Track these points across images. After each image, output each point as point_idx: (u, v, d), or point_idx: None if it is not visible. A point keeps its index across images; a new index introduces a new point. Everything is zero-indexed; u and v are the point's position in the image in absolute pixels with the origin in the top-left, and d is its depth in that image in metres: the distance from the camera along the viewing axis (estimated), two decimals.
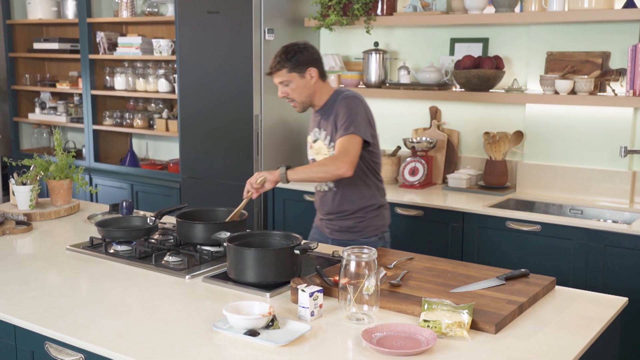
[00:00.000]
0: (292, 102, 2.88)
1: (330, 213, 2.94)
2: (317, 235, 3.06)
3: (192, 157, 4.51)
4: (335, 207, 2.91)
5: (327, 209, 2.95)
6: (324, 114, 2.88)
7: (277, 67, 2.82)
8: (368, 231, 2.92)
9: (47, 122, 5.68)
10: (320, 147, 2.89)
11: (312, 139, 2.95)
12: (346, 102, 2.80)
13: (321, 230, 3.03)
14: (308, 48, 2.84)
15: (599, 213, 3.56)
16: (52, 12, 5.53)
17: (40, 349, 1.99)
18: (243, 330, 1.87)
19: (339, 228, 2.93)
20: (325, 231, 3.00)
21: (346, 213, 2.90)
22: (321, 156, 2.88)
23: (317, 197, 3.02)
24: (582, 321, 2.02)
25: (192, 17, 4.33)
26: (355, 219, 2.90)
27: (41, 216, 3.20)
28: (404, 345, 1.80)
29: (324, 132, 2.87)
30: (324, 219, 3.00)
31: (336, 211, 2.92)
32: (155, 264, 2.48)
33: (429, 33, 4.22)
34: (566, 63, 3.72)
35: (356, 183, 2.87)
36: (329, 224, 2.97)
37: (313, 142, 2.94)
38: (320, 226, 3.04)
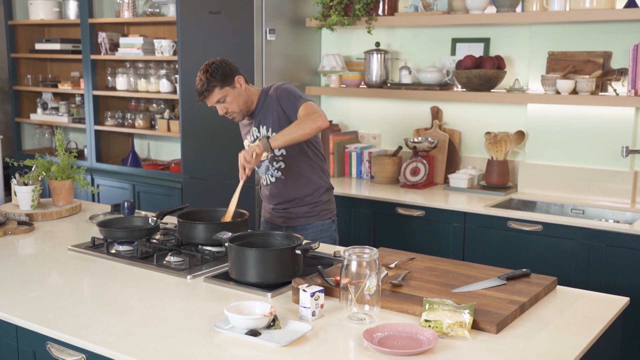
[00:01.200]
0: (231, 115, 2.92)
1: (284, 202, 2.99)
2: (269, 227, 3.08)
3: (193, 158, 4.52)
4: (288, 196, 2.98)
5: (279, 199, 3.00)
6: (260, 112, 2.93)
7: (209, 89, 2.83)
8: (323, 214, 3.03)
9: (49, 123, 5.68)
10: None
11: (251, 140, 2.98)
12: (282, 88, 2.90)
13: (273, 222, 3.05)
14: (224, 61, 2.89)
15: (601, 213, 3.56)
16: (53, 12, 5.54)
17: (42, 349, 2.00)
18: (244, 330, 1.87)
19: (294, 215, 2.99)
20: (277, 221, 3.03)
21: (300, 199, 2.98)
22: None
23: (265, 189, 3.04)
24: (583, 321, 2.02)
25: (194, 18, 4.34)
26: (311, 204, 2.99)
27: (43, 216, 3.20)
28: (405, 345, 1.80)
29: (265, 127, 2.92)
30: (277, 208, 3.02)
31: (290, 199, 2.98)
32: (157, 264, 2.49)
33: (430, 33, 4.22)
34: (568, 63, 3.72)
35: (303, 169, 2.96)
36: (283, 213, 3.01)
37: (252, 143, 2.95)
38: (271, 218, 3.06)
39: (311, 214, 3.00)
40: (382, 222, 3.78)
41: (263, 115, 2.93)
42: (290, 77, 4.37)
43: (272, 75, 4.23)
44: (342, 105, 4.60)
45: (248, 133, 3.02)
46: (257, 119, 2.96)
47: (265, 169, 3.01)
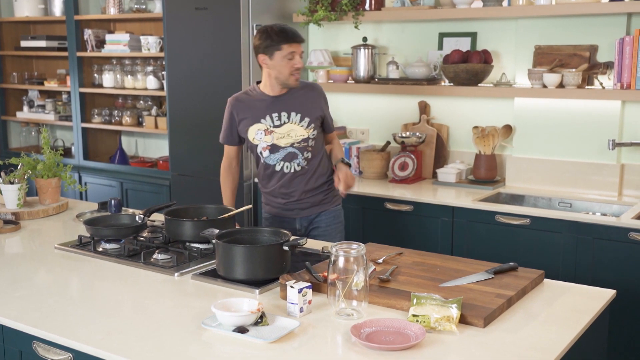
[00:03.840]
0: (299, 73, 2.93)
1: (303, 192, 3.01)
2: (277, 222, 3.06)
3: (181, 154, 4.50)
4: (310, 185, 3.01)
5: (299, 190, 3.01)
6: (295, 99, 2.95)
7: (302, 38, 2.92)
8: (335, 200, 3.12)
9: (35, 121, 5.65)
10: (292, 130, 2.94)
11: (270, 124, 2.94)
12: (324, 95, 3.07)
13: (282, 216, 3.05)
14: None
15: (588, 206, 3.57)
16: (39, 9, 5.50)
17: (28, 349, 1.98)
18: (232, 327, 1.87)
19: (309, 205, 3.03)
20: (288, 214, 3.05)
21: (316, 188, 3.03)
22: (290, 139, 2.94)
23: (281, 180, 3.00)
24: (570, 314, 2.03)
25: (180, 14, 4.32)
26: (324, 192, 3.06)
27: (29, 215, 3.18)
28: (393, 340, 1.80)
29: (298, 114, 2.94)
30: (291, 202, 3.02)
31: (310, 188, 3.02)
32: (144, 261, 2.47)
33: (417, 28, 4.22)
34: (554, 57, 3.73)
35: (322, 158, 3.06)
36: (296, 205, 3.03)
37: (274, 127, 2.94)
38: (281, 212, 3.06)
39: (324, 202, 3.06)
40: (370, 217, 3.78)
41: (300, 104, 2.95)
42: None
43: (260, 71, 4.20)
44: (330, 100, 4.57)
45: (265, 116, 2.94)
46: (289, 103, 2.94)
47: (290, 157, 2.97)
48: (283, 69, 2.87)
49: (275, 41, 2.84)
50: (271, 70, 2.90)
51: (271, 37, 2.85)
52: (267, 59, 2.88)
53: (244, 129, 3.00)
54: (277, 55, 2.85)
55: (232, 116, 3.01)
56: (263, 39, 2.87)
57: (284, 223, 3.05)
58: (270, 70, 2.90)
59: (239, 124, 3.00)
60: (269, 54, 2.86)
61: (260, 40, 2.88)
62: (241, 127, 3.00)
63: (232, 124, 3.03)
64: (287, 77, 2.90)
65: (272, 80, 2.93)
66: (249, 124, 2.98)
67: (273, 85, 2.94)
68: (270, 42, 2.85)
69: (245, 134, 3.00)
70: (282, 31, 2.85)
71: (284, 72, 2.88)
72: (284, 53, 2.85)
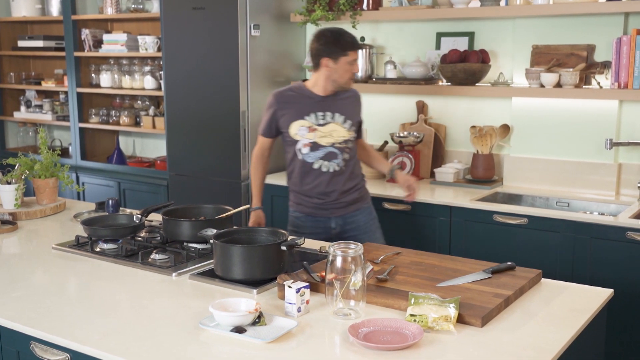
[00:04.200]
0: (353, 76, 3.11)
1: (341, 192, 3.09)
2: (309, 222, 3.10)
3: (179, 154, 4.50)
4: (346, 185, 3.10)
5: (337, 190, 3.08)
6: (341, 102, 3.09)
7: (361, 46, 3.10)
8: (367, 197, 3.23)
9: (32, 121, 5.64)
10: (335, 130, 3.05)
11: (314, 122, 3.04)
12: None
13: (314, 215, 3.10)
14: None
15: (586, 205, 3.58)
16: (36, 9, 5.49)
17: (25, 349, 1.98)
18: (230, 327, 1.87)
19: (344, 204, 3.11)
20: (323, 214, 3.10)
21: (352, 187, 3.12)
22: (332, 139, 3.04)
23: (318, 179, 3.06)
24: (568, 313, 2.03)
25: (178, 14, 4.31)
26: (360, 189, 3.18)
27: (27, 215, 3.18)
28: (391, 340, 1.80)
29: (341, 115, 3.06)
30: (328, 202, 3.09)
31: (347, 188, 3.11)
32: (142, 262, 2.47)
33: (415, 27, 4.22)
34: (551, 56, 3.73)
35: (357, 160, 3.21)
36: (334, 204, 3.10)
37: (318, 125, 3.03)
38: (315, 212, 3.10)
39: (358, 200, 3.16)
40: None
41: (344, 106, 3.08)
42: (276, 72, 4.36)
43: (257, 71, 4.21)
44: None
45: (310, 113, 3.04)
46: (335, 105, 3.06)
47: (330, 157, 3.05)
48: (345, 73, 3.02)
49: (342, 47, 2.99)
50: (332, 73, 3.01)
51: (338, 43, 2.99)
52: (330, 62, 2.99)
53: (285, 123, 3.07)
54: (342, 60, 2.99)
55: (275, 110, 3.09)
56: (329, 44, 2.99)
57: (319, 222, 3.12)
58: (330, 73, 3.02)
59: (280, 118, 3.08)
60: (334, 58, 2.99)
61: (325, 45, 3.00)
62: (282, 122, 3.08)
63: (273, 117, 3.10)
64: (347, 80, 3.05)
65: (329, 81, 3.04)
66: (292, 119, 3.06)
67: (326, 86, 3.05)
68: (336, 47, 2.99)
69: (287, 128, 3.07)
70: (349, 38, 3.02)
71: (345, 76, 3.03)
72: (349, 59, 3.00)
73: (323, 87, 3.05)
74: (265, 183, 4.12)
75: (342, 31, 3.04)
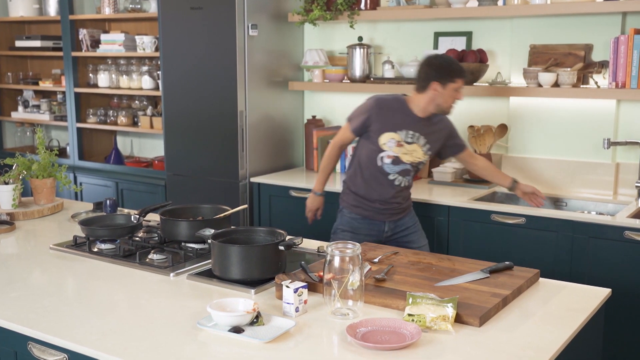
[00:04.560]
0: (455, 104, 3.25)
1: (400, 202, 3.28)
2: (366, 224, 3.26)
3: (177, 154, 4.50)
4: (405, 198, 3.32)
5: (399, 200, 3.27)
6: (434, 123, 3.22)
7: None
8: (411, 202, 3.41)
9: (30, 121, 5.63)
10: (415, 150, 3.19)
11: (403, 138, 3.16)
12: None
13: (373, 218, 3.26)
14: None
15: (583, 205, 3.58)
16: (33, 9, 5.49)
17: (23, 350, 1.98)
18: (227, 327, 1.86)
19: (399, 211, 3.29)
20: (379, 218, 3.26)
21: (407, 198, 3.34)
22: (411, 158, 3.19)
23: (389, 190, 3.22)
24: (566, 313, 2.03)
25: (175, 13, 4.31)
26: (408, 199, 3.37)
27: (24, 215, 3.17)
28: (389, 339, 1.80)
29: (424, 139, 3.18)
30: (387, 208, 3.24)
31: (404, 200, 3.31)
32: (140, 262, 2.47)
33: (412, 27, 4.22)
34: (549, 56, 3.74)
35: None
36: (391, 211, 3.26)
37: (405, 142, 3.16)
38: (373, 215, 3.25)
39: (406, 210, 3.35)
40: None
41: (430, 132, 3.21)
42: (273, 72, 4.36)
43: (255, 71, 4.21)
44: (325, 100, 4.59)
45: (402, 129, 3.16)
46: (424, 128, 3.19)
47: (405, 173, 3.22)
48: (449, 99, 3.15)
49: (452, 74, 3.12)
50: (437, 97, 3.13)
51: (449, 69, 3.12)
52: (439, 87, 3.11)
53: (377, 131, 3.16)
54: (450, 86, 3.12)
55: (373, 114, 3.17)
56: (440, 70, 3.12)
57: (373, 225, 3.26)
58: (435, 97, 3.13)
59: (374, 123, 3.16)
60: (443, 84, 3.11)
61: (437, 70, 3.13)
62: (375, 127, 3.16)
63: (369, 120, 3.17)
64: (448, 107, 3.18)
65: (432, 104, 3.15)
66: (385, 129, 3.16)
67: (427, 108, 3.16)
68: (446, 74, 3.11)
69: (377, 136, 3.16)
70: (458, 67, 3.17)
71: (449, 101, 3.15)
72: (456, 86, 3.13)
73: (423, 108, 3.16)
74: (264, 183, 4.15)
75: (453, 60, 3.20)
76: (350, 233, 3.25)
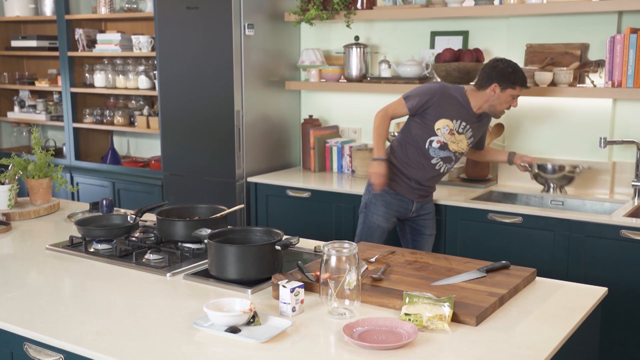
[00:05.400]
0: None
1: (431, 187, 3.43)
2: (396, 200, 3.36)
3: (173, 154, 4.49)
4: (436, 183, 3.47)
5: (431, 184, 3.42)
6: (481, 119, 3.35)
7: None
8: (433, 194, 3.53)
9: (26, 121, 5.62)
10: (461, 141, 3.31)
11: (456, 128, 3.28)
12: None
13: (404, 196, 3.36)
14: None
15: (580, 204, 3.58)
16: (29, 9, 5.47)
17: (19, 350, 1.97)
18: (224, 327, 1.86)
19: (425, 195, 3.42)
20: (410, 196, 3.36)
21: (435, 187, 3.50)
22: (457, 147, 3.31)
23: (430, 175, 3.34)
24: (562, 312, 2.03)
25: (171, 13, 4.30)
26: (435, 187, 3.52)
27: (20, 216, 3.17)
28: (385, 339, 1.80)
29: (471, 132, 3.31)
30: (420, 188, 3.37)
31: (434, 185, 3.47)
32: (136, 262, 2.47)
33: (409, 26, 4.22)
34: (545, 55, 3.74)
35: None
36: (422, 192, 3.39)
37: (457, 132, 3.28)
38: (405, 193, 3.35)
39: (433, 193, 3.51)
40: None
41: (477, 129, 3.35)
42: (270, 72, 4.36)
43: (252, 71, 4.21)
44: (322, 99, 4.59)
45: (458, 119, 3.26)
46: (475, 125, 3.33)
47: (447, 160, 3.33)
48: (503, 104, 3.25)
49: (513, 81, 3.20)
50: (493, 99, 3.23)
51: (512, 75, 3.20)
52: (497, 89, 3.21)
53: (435, 115, 3.25)
54: (508, 91, 3.21)
55: (435, 98, 3.24)
56: (504, 73, 3.20)
57: (403, 202, 3.37)
58: (491, 98, 3.23)
59: (433, 107, 3.24)
60: (502, 87, 3.20)
61: (500, 72, 3.20)
62: (433, 111, 3.24)
63: (428, 102, 3.24)
64: (501, 111, 3.30)
65: (486, 104, 3.26)
66: (443, 115, 3.25)
67: (481, 106, 3.27)
68: (508, 79, 3.19)
69: (434, 120, 3.25)
70: (522, 76, 3.23)
71: (503, 105, 3.26)
72: (514, 93, 3.23)
73: (479, 105, 3.26)
74: (261, 183, 4.14)
75: (519, 68, 3.24)
76: (384, 208, 3.34)
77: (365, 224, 3.38)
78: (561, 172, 3.55)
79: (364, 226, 3.39)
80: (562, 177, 3.56)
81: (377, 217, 3.35)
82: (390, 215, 3.35)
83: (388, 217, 3.35)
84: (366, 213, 3.38)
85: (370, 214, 3.36)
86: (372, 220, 3.36)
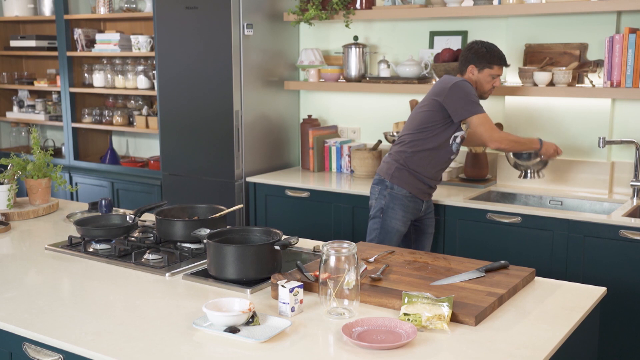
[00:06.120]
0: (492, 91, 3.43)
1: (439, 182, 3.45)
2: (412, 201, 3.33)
3: (172, 154, 4.49)
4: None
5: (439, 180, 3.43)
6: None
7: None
8: None
9: (25, 121, 5.62)
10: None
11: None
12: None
13: (419, 197, 3.34)
14: None
15: (579, 204, 3.59)
16: (28, 9, 5.47)
17: (18, 350, 1.97)
18: (223, 327, 1.86)
19: (431, 193, 3.43)
20: (422, 197, 3.36)
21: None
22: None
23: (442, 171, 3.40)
24: (561, 311, 2.03)
25: (171, 13, 4.30)
26: None
27: (19, 216, 3.16)
28: (385, 339, 1.80)
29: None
30: (432, 187, 3.39)
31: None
32: (135, 262, 2.47)
33: (408, 26, 4.22)
34: (544, 55, 3.74)
35: None
36: (431, 191, 3.41)
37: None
38: (419, 194, 3.34)
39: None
40: (362, 216, 3.78)
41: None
42: (269, 72, 4.36)
43: (251, 71, 4.21)
44: (321, 99, 4.59)
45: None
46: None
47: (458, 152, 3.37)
48: (485, 84, 3.33)
49: (489, 60, 3.27)
50: (472, 81, 3.31)
51: (487, 55, 3.27)
52: (475, 70, 3.30)
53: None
54: (486, 71, 3.29)
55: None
56: (478, 54, 3.28)
57: (417, 203, 3.35)
58: (471, 80, 3.31)
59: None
60: (480, 68, 3.29)
61: (475, 54, 3.29)
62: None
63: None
64: (485, 91, 3.36)
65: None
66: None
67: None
68: (484, 58, 3.27)
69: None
70: (498, 54, 3.30)
71: (485, 86, 3.34)
72: (493, 72, 3.30)
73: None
74: (260, 183, 4.14)
75: (495, 47, 3.30)
76: (402, 212, 3.31)
77: (383, 229, 3.30)
78: (537, 158, 3.52)
79: (381, 231, 3.30)
80: (538, 162, 3.54)
81: (395, 222, 3.29)
82: (407, 219, 3.32)
83: (405, 220, 3.31)
84: (383, 218, 3.30)
85: (388, 219, 3.29)
86: (390, 225, 3.29)
